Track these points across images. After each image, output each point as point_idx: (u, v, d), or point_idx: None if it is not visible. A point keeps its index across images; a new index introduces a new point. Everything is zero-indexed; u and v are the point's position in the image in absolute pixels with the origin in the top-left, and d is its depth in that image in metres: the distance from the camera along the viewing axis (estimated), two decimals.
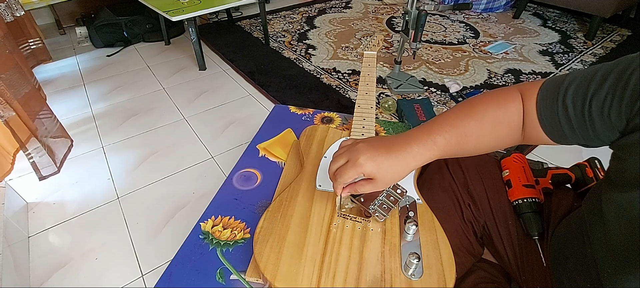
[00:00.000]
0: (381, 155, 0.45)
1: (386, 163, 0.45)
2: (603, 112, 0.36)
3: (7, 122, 0.98)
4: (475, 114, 0.47)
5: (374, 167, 0.45)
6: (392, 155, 0.45)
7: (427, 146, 0.46)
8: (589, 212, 0.43)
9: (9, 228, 0.93)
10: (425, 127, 0.48)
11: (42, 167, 1.13)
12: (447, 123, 0.47)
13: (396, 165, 0.45)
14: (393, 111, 1.51)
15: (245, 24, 2.51)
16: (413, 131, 0.48)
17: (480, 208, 0.60)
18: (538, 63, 1.91)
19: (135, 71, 1.94)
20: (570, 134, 0.41)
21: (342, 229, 0.54)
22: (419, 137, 0.46)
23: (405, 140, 0.47)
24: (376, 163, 0.45)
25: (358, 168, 0.45)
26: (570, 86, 0.40)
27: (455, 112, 0.48)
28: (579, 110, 0.39)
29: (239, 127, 1.48)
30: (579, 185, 0.62)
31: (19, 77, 1.04)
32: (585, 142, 0.41)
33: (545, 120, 0.43)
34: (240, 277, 0.53)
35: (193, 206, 1.12)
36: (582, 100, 0.38)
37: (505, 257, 0.59)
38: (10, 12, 1.49)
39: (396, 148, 0.46)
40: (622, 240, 0.35)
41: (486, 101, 0.48)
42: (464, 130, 0.46)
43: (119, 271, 0.94)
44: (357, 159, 0.45)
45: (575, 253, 0.45)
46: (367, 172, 0.45)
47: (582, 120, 0.39)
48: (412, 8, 1.45)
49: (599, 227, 0.39)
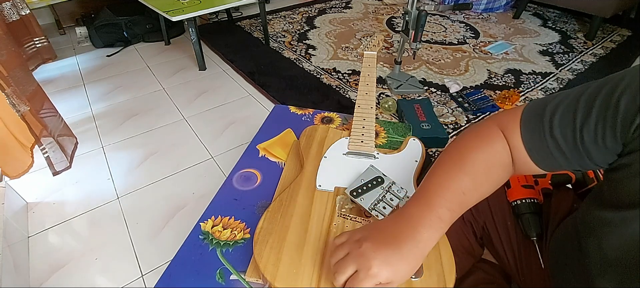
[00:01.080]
0: (394, 253, 0.40)
1: (402, 264, 0.39)
2: (597, 141, 0.35)
3: (23, 116, 0.98)
4: (466, 167, 0.44)
5: (391, 272, 0.39)
6: (404, 251, 0.40)
7: (434, 226, 0.41)
8: (583, 226, 0.42)
9: (8, 228, 0.93)
10: (423, 200, 0.44)
11: (56, 163, 1.13)
12: (442, 187, 0.44)
13: (412, 260, 0.40)
14: (393, 111, 1.51)
15: (245, 24, 2.51)
16: (413, 209, 0.43)
17: (479, 209, 0.60)
18: (538, 63, 1.91)
19: (135, 71, 1.94)
20: (565, 164, 0.40)
21: (342, 229, 0.54)
22: (422, 217, 0.42)
23: (410, 225, 0.42)
24: (392, 267, 0.39)
25: (374, 279, 0.39)
26: (554, 116, 0.39)
27: (445, 170, 0.45)
28: (571, 142, 0.37)
29: (239, 127, 1.48)
30: (580, 185, 0.61)
31: (25, 75, 1.05)
32: (581, 168, 0.40)
33: (536, 154, 0.41)
34: (240, 277, 0.53)
35: (193, 206, 1.12)
36: (572, 131, 0.37)
37: (504, 258, 0.59)
38: (15, 11, 1.50)
39: (405, 239, 0.41)
40: (616, 255, 0.35)
41: (472, 148, 0.46)
42: (461, 189, 0.43)
43: (119, 271, 0.94)
44: (369, 268, 0.39)
45: (572, 259, 0.45)
46: (384, 279, 0.39)
47: (576, 151, 0.38)
48: (412, 8, 1.45)
49: (593, 240, 0.39)
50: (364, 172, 0.61)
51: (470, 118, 1.48)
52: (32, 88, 1.07)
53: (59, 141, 1.15)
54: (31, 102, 1.04)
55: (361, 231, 0.44)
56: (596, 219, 0.38)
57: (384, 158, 0.67)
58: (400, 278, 0.40)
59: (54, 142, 1.11)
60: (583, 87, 0.38)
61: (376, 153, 0.68)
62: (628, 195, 0.33)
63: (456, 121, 1.46)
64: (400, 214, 0.44)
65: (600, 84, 0.36)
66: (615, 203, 0.35)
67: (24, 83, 1.02)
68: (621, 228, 0.34)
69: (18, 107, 0.97)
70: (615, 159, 0.36)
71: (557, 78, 1.77)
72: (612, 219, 0.36)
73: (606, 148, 0.35)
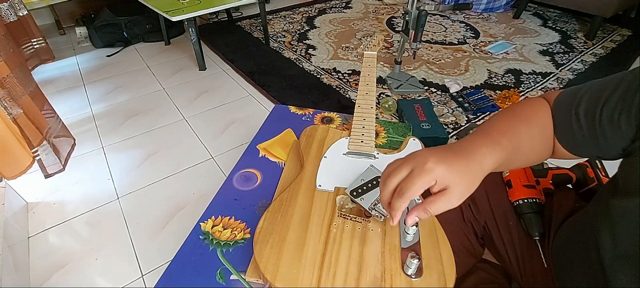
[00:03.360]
0: (451, 158, 0.37)
1: (458, 167, 0.37)
2: (613, 119, 0.36)
3: (15, 119, 0.98)
4: (524, 117, 0.44)
5: (447, 171, 0.36)
6: (462, 159, 0.38)
7: (494, 147, 0.39)
8: (596, 217, 0.42)
9: (9, 228, 0.92)
10: (483, 133, 0.42)
11: (48, 165, 1.13)
12: (503, 125, 0.43)
13: (469, 169, 0.37)
14: (393, 111, 1.51)
15: (245, 24, 2.51)
16: (471, 137, 0.42)
17: (480, 209, 0.60)
18: (538, 63, 1.91)
19: (135, 71, 1.94)
20: (581, 142, 0.41)
21: (342, 229, 0.54)
22: (482, 141, 0.41)
23: (470, 143, 0.40)
24: (448, 166, 0.36)
25: (430, 174, 0.36)
26: (585, 95, 0.40)
27: (506, 116, 0.45)
28: (590, 118, 0.39)
29: (239, 127, 1.48)
30: (580, 185, 0.61)
31: (24, 76, 1.05)
32: (596, 152, 0.41)
33: (559, 129, 0.43)
34: (241, 277, 0.53)
35: (193, 206, 1.12)
36: (594, 108, 0.38)
37: (505, 258, 0.58)
38: (13, 12, 1.49)
39: (464, 151, 0.39)
40: (632, 246, 0.35)
41: (530, 105, 0.46)
42: (519, 133, 0.43)
43: (119, 271, 0.94)
44: (425, 163, 0.36)
45: (580, 257, 0.45)
46: (440, 177, 0.36)
47: (593, 128, 0.39)
48: (412, 8, 1.45)
49: (607, 232, 0.38)
50: (364, 172, 0.61)
51: (470, 118, 1.48)
52: (29, 90, 1.06)
53: (54, 143, 1.15)
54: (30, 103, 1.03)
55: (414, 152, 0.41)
56: (611, 209, 0.38)
57: (384, 158, 0.67)
58: (457, 184, 0.36)
59: (47, 144, 1.10)
60: (618, 74, 0.39)
61: (376, 153, 0.68)
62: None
63: (456, 121, 1.46)
64: (460, 141, 0.42)
65: (631, 71, 0.37)
66: (630, 190, 0.35)
67: (20, 85, 1.02)
68: (636, 215, 0.34)
69: (10, 110, 0.96)
70: (628, 144, 0.37)
71: (557, 78, 1.77)
72: (627, 207, 0.36)
73: (620, 129, 0.36)
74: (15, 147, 1.06)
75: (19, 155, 1.08)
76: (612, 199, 0.38)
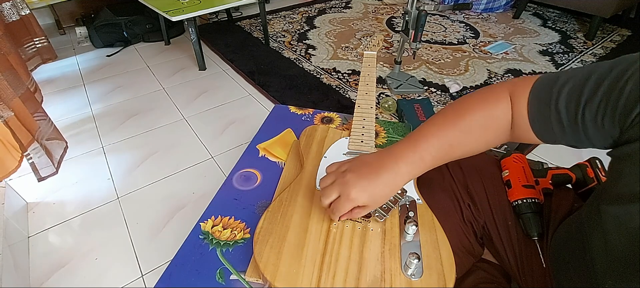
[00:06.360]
0: (371, 182, 0.46)
1: (377, 190, 0.46)
2: (596, 120, 0.36)
3: (6, 122, 0.97)
4: (461, 123, 0.47)
5: (366, 197, 0.46)
6: (380, 179, 0.46)
7: (414, 164, 0.47)
8: (588, 220, 0.42)
9: (9, 228, 0.93)
10: (412, 141, 0.48)
11: (41, 168, 1.12)
12: (432, 135, 0.47)
13: (385, 187, 0.47)
14: (393, 111, 1.51)
15: (245, 24, 2.51)
16: (399, 146, 0.48)
17: (480, 209, 0.60)
18: (538, 63, 1.91)
19: (135, 71, 1.94)
20: (560, 136, 0.41)
21: (342, 229, 0.54)
22: (405, 155, 0.47)
23: (392, 158, 0.47)
24: (367, 193, 0.46)
25: (352, 203, 0.47)
26: (563, 88, 0.39)
27: (440, 123, 0.48)
28: (572, 117, 0.38)
29: (239, 127, 1.48)
30: (580, 185, 0.61)
31: (14, 78, 1.04)
32: (574, 145, 0.41)
33: (537, 122, 0.42)
34: (240, 277, 0.53)
35: (193, 206, 1.12)
36: (575, 105, 0.38)
37: (505, 258, 0.59)
38: (15, 11, 1.49)
39: (384, 168, 0.47)
40: (622, 251, 0.35)
41: (473, 107, 0.48)
42: (450, 141, 0.47)
43: (119, 271, 0.94)
44: (349, 194, 0.46)
45: (575, 258, 0.45)
46: (360, 202, 0.47)
47: (575, 126, 0.38)
48: (412, 8, 1.45)
49: (598, 236, 0.39)
50: None
51: None
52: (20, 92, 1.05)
53: (47, 146, 1.14)
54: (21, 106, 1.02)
55: (347, 163, 0.50)
56: (601, 214, 0.38)
57: None
58: (373, 202, 0.48)
59: (39, 147, 1.09)
60: (595, 66, 0.38)
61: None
62: (631, 187, 0.33)
63: None
64: (386, 150, 0.50)
65: (612, 64, 0.36)
66: (619, 197, 0.35)
67: (13, 86, 1.01)
68: (626, 222, 0.34)
69: (1, 113, 0.95)
70: (610, 143, 0.37)
71: None
72: (616, 213, 0.35)
73: (604, 128, 0.36)
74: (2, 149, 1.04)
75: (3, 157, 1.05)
76: (602, 204, 0.38)
